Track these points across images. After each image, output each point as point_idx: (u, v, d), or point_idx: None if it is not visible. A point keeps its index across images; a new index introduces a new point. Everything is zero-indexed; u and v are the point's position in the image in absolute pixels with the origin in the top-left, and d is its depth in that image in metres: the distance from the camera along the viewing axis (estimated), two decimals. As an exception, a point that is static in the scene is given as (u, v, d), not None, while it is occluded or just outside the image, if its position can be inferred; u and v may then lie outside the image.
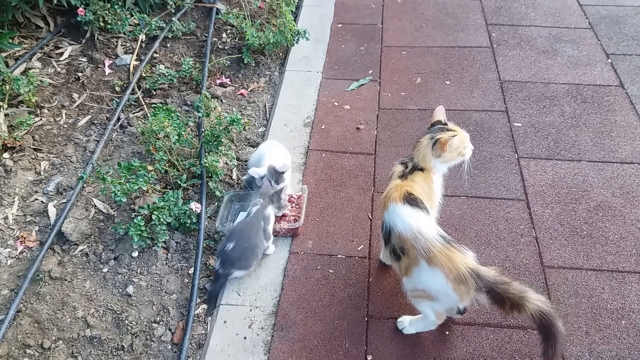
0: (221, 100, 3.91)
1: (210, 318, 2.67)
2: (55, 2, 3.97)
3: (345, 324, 2.57)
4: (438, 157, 2.38)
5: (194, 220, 3.00)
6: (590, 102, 3.80)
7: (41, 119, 3.75)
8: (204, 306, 2.71)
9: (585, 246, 2.88)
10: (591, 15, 4.75)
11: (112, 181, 2.91)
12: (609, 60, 4.19)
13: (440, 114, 2.52)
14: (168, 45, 4.44)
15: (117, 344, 2.58)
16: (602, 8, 4.84)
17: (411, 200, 2.24)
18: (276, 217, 2.91)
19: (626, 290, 2.66)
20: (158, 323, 2.65)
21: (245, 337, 2.55)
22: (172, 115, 3.21)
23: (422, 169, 2.39)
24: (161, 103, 3.84)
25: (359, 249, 2.90)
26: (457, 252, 2.13)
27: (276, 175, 2.89)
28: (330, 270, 2.80)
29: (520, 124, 3.64)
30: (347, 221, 3.05)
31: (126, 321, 2.65)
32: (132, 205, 3.14)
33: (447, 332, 2.51)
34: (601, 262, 2.80)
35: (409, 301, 2.39)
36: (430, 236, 2.14)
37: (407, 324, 2.49)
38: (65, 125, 3.73)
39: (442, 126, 2.45)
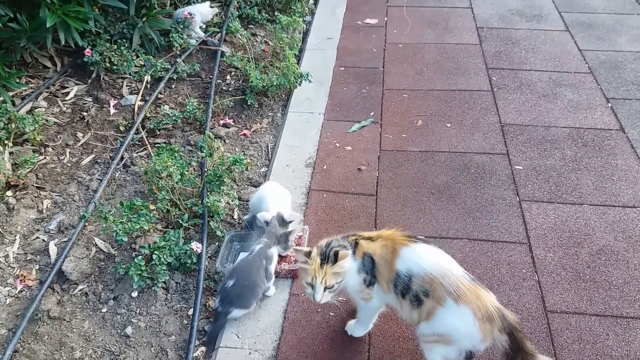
0: (224, 141, 3.94)
1: (209, 361, 2.64)
2: (63, 43, 4.04)
3: (346, 369, 2.53)
4: None
5: (195, 260, 2.99)
6: (591, 146, 3.82)
7: (45, 158, 3.78)
8: (203, 348, 2.67)
9: (589, 291, 2.85)
10: (590, 60, 4.82)
11: (114, 220, 2.91)
12: (609, 105, 4.24)
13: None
14: (173, 86, 4.50)
15: (114, 387, 2.55)
16: (601, 53, 4.91)
17: (418, 238, 2.26)
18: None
19: (631, 337, 2.62)
20: (156, 365, 2.62)
21: (244, 381, 2.51)
22: (176, 155, 3.24)
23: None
24: (165, 143, 3.87)
25: (360, 291, 2.88)
26: (483, 289, 2.16)
27: (283, 224, 2.89)
28: (331, 313, 2.77)
29: (521, 167, 3.66)
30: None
31: (124, 363, 2.62)
32: (133, 245, 3.13)
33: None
34: (605, 307, 2.77)
35: (420, 346, 2.34)
36: (459, 273, 2.15)
37: (409, 369, 2.46)
38: (68, 164, 3.76)
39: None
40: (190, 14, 4.80)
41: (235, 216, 3.36)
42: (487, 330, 2.09)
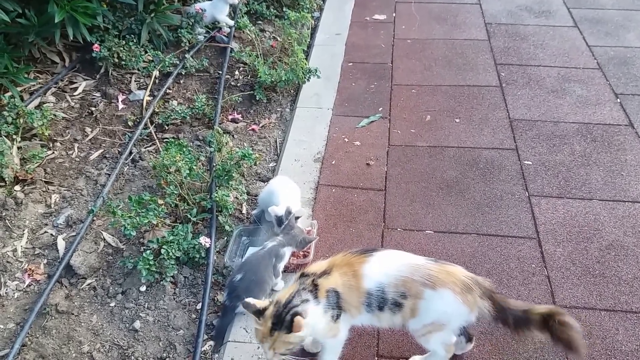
0: (233, 136, 3.94)
1: (217, 355, 2.62)
2: (71, 38, 4.05)
3: (354, 363, 2.52)
4: None
5: (203, 254, 2.99)
6: (600, 141, 3.80)
7: (53, 152, 3.79)
8: (211, 343, 2.67)
9: (598, 286, 2.84)
10: (599, 56, 4.79)
11: (122, 215, 2.91)
12: (618, 100, 4.21)
13: None
14: (181, 81, 4.50)
15: (123, 380, 2.55)
16: (609, 49, 4.88)
17: (368, 249, 2.26)
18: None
19: (641, 332, 2.62)
20: (164, 359, 2.62)
21: (252, 375, 2.51)
22: (184, 149, 3.24)
23: None
24: (173, 138, 3.87)
25: (368, 286, 2.87)
26: (450, 265, 2.20)
27: (293, 215, 2.89)
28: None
29: (530, 162, 3.64)
30: (356, 258, 3.02)
31: (132, 357, 2.62)
32: (141, 239, 3.13)
33: (458, 373, 2.47)
34: (614, 302, 2.75)
35: (418, 341, 2.34)
36: (423, 262, 2.18)
37: (418, 363, 2.45)
38: (77, 159, 3.77)
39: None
40: (202, 10, 4.79)
41: (244, 211, 3.36)
42: (470, 301, 2.12)
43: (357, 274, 2.18)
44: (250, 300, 2.14)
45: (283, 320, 2.04)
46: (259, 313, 2.09)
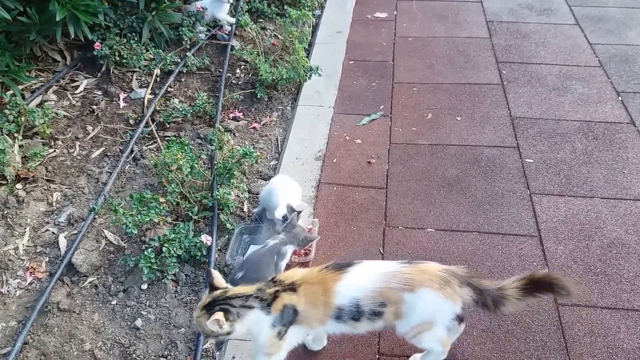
0: (234, 134, 3.94)
1: (218, 353, 2.63)
2: (73, 36, 4.05)
3: (356, 361, 2.52)
4: None
5: (204, 252, 2.99)
6: (602, 139, 3.80)
7: (55, 151, 3.79)
8: (213, 341, 2.67)
9: (600, 284, 2.84)
10: (601, 53, 4.78)
11: (123, 213, 2.91)
12: (620, 98, 4.21)
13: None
14: (182, 79, 4.50)
15: (125, 378, 2.55)
16: (611, 47, 4.87)
17: (341, 264, 2.22)
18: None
19: (643, 330, 2.61)
20: (166, 357, 2.62)
21: (254, 373, 2.51)
22: (185, 148, 3.24)
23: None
24: (175, 136, 3.87)
25: (370, 284, 2.87)
26: (423, 263, 2.18)
27: (296, 213, 2.88)
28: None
29: (531, 160, 3.64)
30: (358, 255, 3.02)
31: (134, 355, 2.62)
32: (142, 237, 3.14)
33: (459, 370, 2.47)
34: (616, 300, 2.75)
35: (411, 342, 2.30)
36: (397, 268, 2.16)
37: (419, 361, 2.44)
38: (78, 157, 3.77)
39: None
40: (203, 8, 4.79)
41: (245, 209, 3.36)
42: (451, 294, 2.11)
43: (329, 291, 2.14)
44: (214, 272, 2.20)
45: (212, 307, 2.08)
46: (211, 287, 2.16)
